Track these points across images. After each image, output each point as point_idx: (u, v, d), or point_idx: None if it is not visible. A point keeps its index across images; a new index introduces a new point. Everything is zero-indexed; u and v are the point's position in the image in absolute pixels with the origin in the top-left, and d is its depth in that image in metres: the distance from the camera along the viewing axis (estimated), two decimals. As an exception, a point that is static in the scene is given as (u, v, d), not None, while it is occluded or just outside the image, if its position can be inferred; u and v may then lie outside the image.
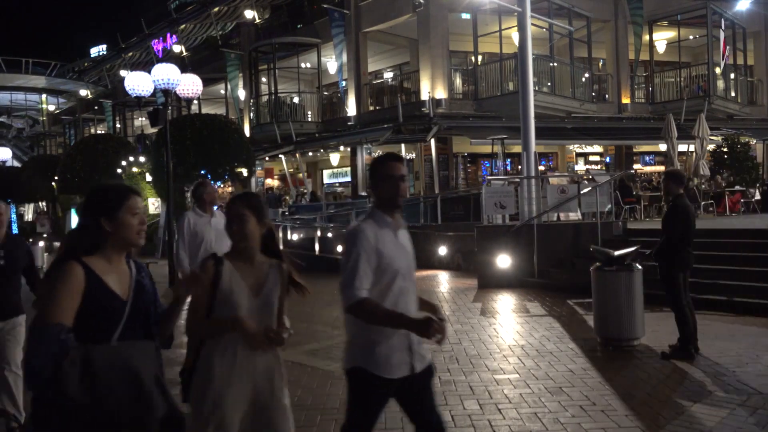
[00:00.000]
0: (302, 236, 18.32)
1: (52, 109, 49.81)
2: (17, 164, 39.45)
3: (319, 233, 17.29)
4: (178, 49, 33.14)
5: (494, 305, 9.55)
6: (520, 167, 13.49)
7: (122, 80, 15.51)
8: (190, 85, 12.78)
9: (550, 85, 20.41)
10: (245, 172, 21.39)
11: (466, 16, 20.81)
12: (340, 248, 16.18)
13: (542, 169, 20.61)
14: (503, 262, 11.28)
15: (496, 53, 20.62)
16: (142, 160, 23.51)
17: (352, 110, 23.84)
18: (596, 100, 23.11)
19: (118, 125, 37.55)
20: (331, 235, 17.27)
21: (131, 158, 24.20)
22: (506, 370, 5.95)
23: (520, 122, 12.34)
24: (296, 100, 26.18)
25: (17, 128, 51.64)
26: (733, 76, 23.75)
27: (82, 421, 2.14)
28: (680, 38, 22.96)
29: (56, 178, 27.41)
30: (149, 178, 21.97)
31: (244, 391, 2.65)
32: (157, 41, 35.38)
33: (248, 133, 25.93)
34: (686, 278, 6.38)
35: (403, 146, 20.82)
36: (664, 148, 18.80)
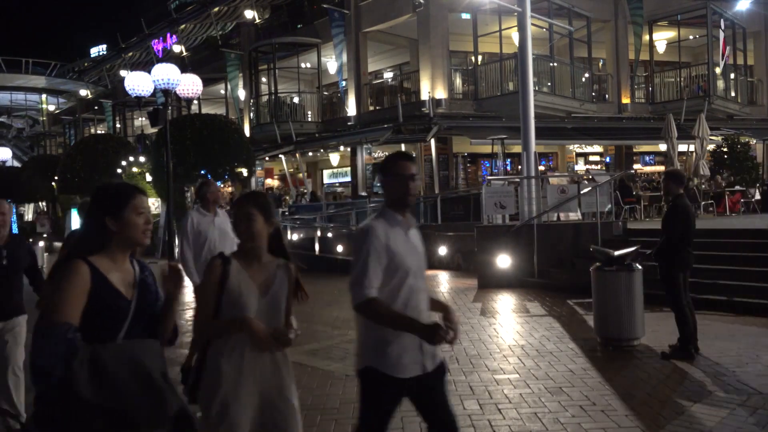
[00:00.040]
0: (302, 236, 18.35)
1: (52, 109, 49.81)
2: (17, 164, 39.48)
3: (319, 233, 17.32)
4: (178, 49, 33.14)
5: (494, 305, 9.55)
6: (520, 167, 13.49)
7: (122, 80, 15.52)
8: (190, 85, 12.81)
9: (550, 85, 20.41)
10: (245, 172, 21.41)
11: (466, 16, 20.81)
12: (340, 248, 16.21)
13: (542, 169, 20.60)
14: (503, 262, 11.28)
15: (496, 53, 20.61)
16: (142, 160, 23.51)
17: (352, 110, 23.83)
18: (596, 100, 23.11)
19: (118, 125, 37.57)
20: (331, 235, 17.29)
21: (131, 158, 24.19)
22: (506, 370, 5.95)
23: (520, 122, 12.34)
24: (296, 100, 26.17)
25: (17, 128, 51.64)
26: (733, 76, 23.76)
27: (97, 421, 2.11)
28: (680, 38, 22.96)
29: (56, 178, 27.42)
30: (149, 178, 21.95)
31: (252, 391, 2.64)
32: (157, 41, 35.38)
33: (248, 133, 25.92)
34: (686, 278, 6.38)
35: (403, 146, 20.75)
36: (664, 148, 18.80)
